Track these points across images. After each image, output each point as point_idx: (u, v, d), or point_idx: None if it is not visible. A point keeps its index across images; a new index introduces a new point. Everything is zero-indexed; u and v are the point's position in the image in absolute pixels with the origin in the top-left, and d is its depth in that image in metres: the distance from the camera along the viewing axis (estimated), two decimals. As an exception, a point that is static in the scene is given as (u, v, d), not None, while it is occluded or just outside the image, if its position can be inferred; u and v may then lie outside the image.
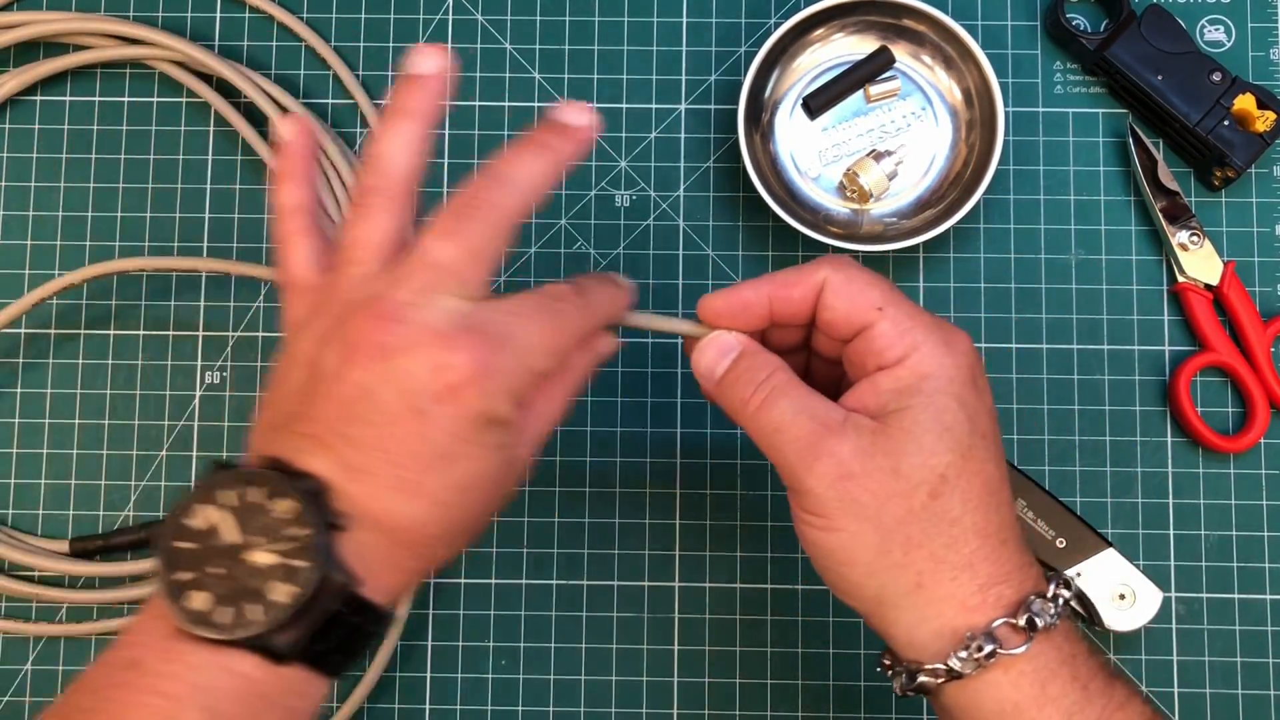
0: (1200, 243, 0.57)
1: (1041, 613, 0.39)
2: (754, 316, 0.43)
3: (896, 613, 0.40)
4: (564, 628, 0.56)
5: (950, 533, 0.40)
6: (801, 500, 0.40)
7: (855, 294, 0.41)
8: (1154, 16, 0.57)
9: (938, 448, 0.39)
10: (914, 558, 0.39)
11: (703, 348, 0.43)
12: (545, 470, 0.57)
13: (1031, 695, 0.39)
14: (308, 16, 0.60)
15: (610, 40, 0.60)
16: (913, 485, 0.39)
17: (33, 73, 0.59)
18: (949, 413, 0.40)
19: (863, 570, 0.40)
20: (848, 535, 0.40)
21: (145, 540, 0.56)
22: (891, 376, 0.40)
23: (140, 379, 0.58)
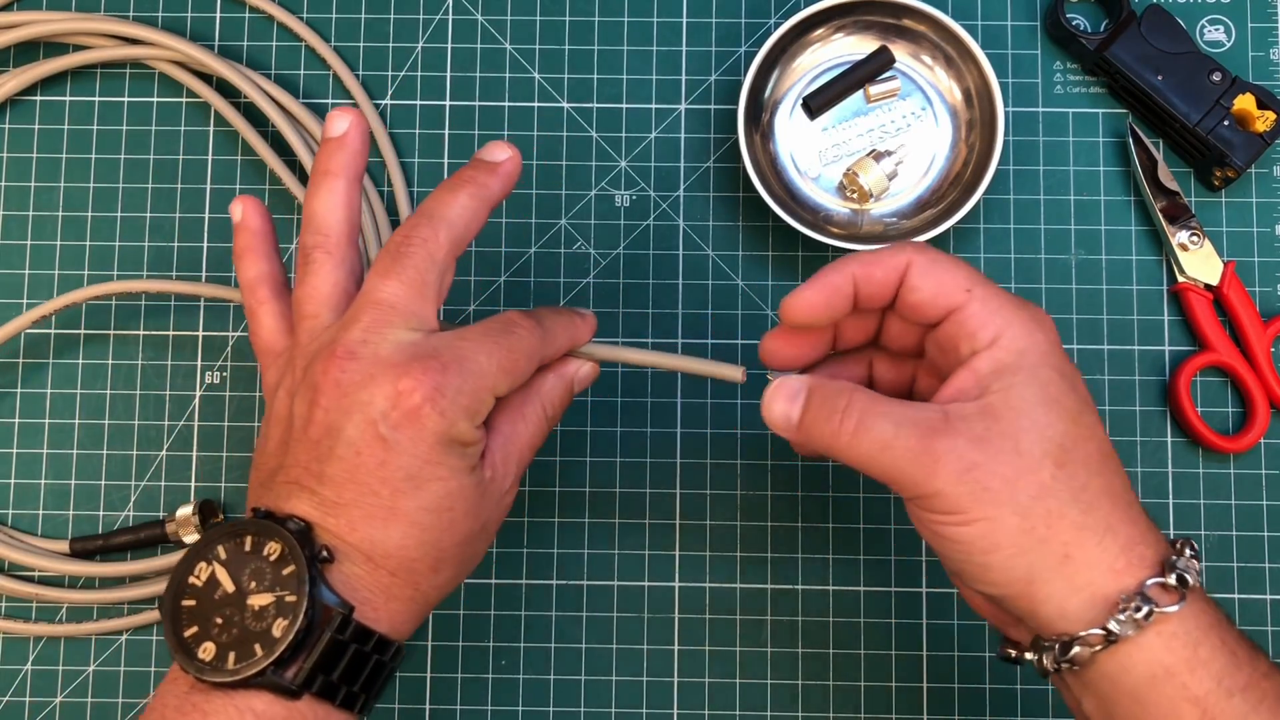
0: (1200, 243, 0.57)
1: (1188, 569, 0.39)
2: (842, 299, 0.42)
3: (1048, 588, 0.39)
4: (564, 628, 0.56)
5: (1083, 499, 0.39)
6: (929, 503, 0.40)
7: (943, 275, 0.41)
8: (1154, 16, 0.57)
9: (1051, 419, 0.39)
10: (1057, 530, 0.39)
11: (769, 401, 0.43)
12: (545, 470, 0.57)
13: (1184, 657, 0.38)
14: (308, 16, 0.60)
15: (610, 40, 0.60)
16: (1037, 459, 0.39)
17: (33, 73, 0.59)
18: (1053, 384, 0.40)
19: (1008, 553, 0.39)
20: (987, 523, 0.39)
21: (145, 540, 0.56)
22: (989, 358, 0.40)
23: (140, 379, 0.58)
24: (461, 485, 0.40)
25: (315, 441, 0.39)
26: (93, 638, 0.57)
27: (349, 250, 0.43)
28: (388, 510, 0.39)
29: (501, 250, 0.59)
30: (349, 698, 0.39)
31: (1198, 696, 0.38)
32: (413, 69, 0.60)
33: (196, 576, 0.39)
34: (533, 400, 0.44)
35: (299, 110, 0.58)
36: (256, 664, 0.37)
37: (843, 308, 0.43)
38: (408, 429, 0.39)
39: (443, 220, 0.42)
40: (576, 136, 0.59)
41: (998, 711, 0.55)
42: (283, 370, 0.43)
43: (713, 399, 0.57)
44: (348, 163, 0.44)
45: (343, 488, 0.39)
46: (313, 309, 0.42)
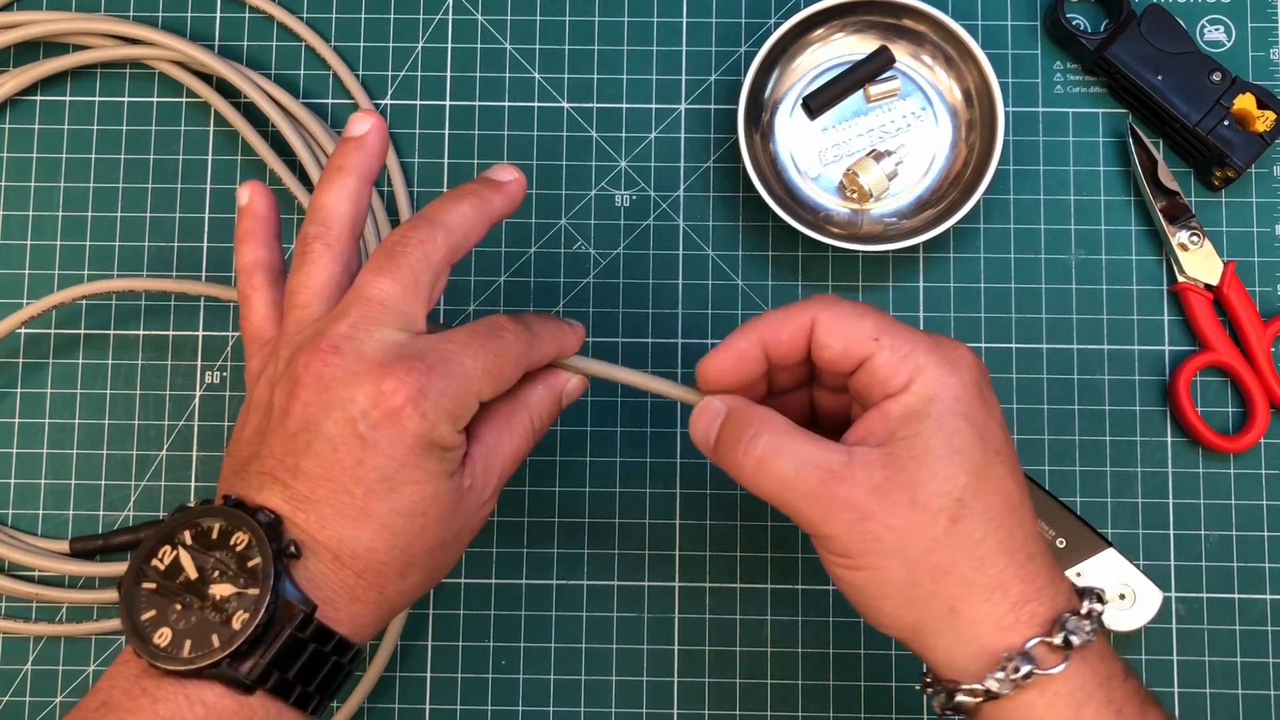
0: (1200, 243, 0.57)
1: (1077, 630, 0.39)
2: (751, 363, 0.43)
3: (934, 639, 0.40)
4: (564, 628, 0.56)
5: (976, 554, 0.39)
6: (824, 543, 0.40)
7: (848, 328, 0.41)
8: (1154, 16, 0.57)
9: (951, 471, 0.39)
10: (944, 585, 0.39)
11: (695, 419, 0.43)
12: (545, 470, 0.57)
13: (1064, 717, 0.39)
14: (308, 16, 0.60)
15: (610, 40, 0.60)
16: (932, 514, 0.39)
17: (33, 73, 0.59)
18: (959, 434, 0.39)
19: (894, 603, 0.40)
20: (875, 572, 0.40)
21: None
22: (898, 403, 0.40)
23: (140, 379, 0.58)
24: (437, 491, 0.39)
25: (292, 434, 0.39)
26: (93, 638, 0.57)
27: (348, 246, 0.43)
28: (359, 510, 0.38)
29: (501, 250, 0.59)
30: (303, 697, 0.39)
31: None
32: (413, 69, 0.60)
33: (160, 560, 0.38)
34: (520, 412, 0.44)
35: (299, 110, 0.58)
36: (212, 655, 0.36)
37: (755, 370, 0.43)
38: (387, 429, 0.38)
39: (442, 225, 0.42)
40: (576, 136, 0.59)
41: (998, 711, 0.55)
42: (267, 359, 0.42)
43: (713, 399, 0.57)
44: (362, 162, 0.44)
45: (316, 484, 0.38)
46: (304, 299, 0.42)
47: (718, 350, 0.43)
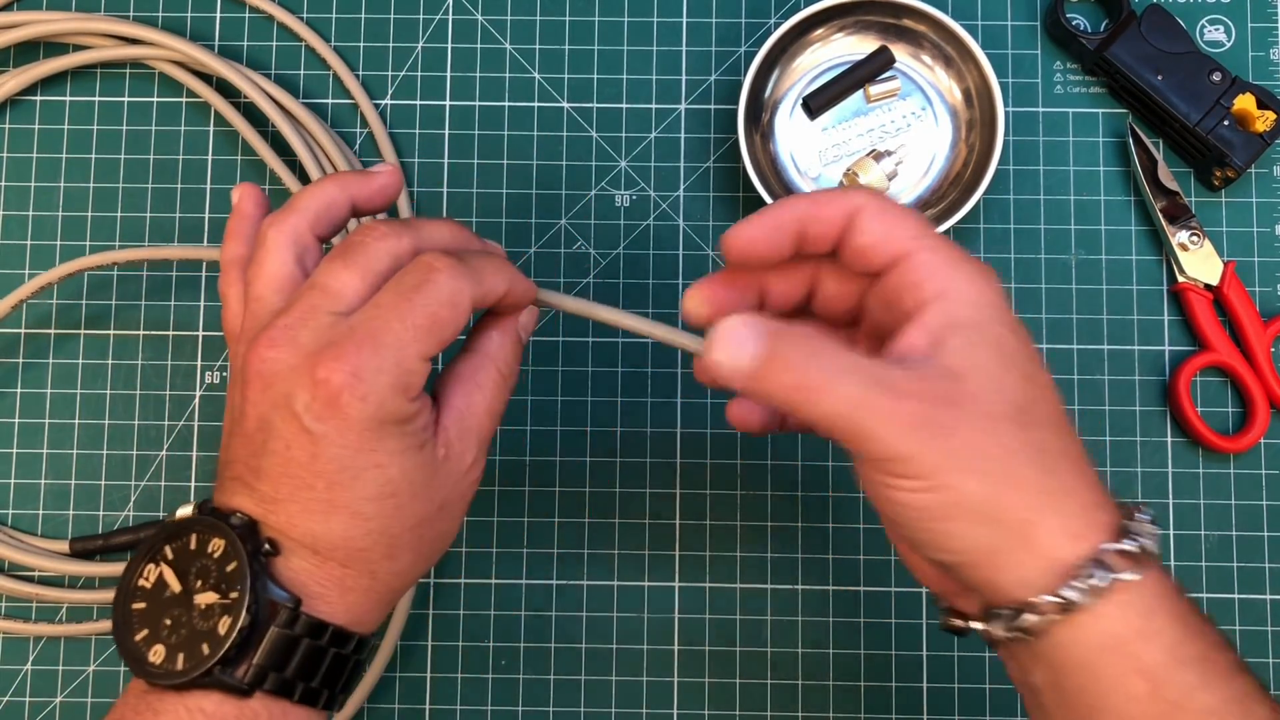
0: (1200, 243, 0.57)
1: (1149, 535, 0.37)
2: (786, 237, 0.40)
3: (1007, 555, 0.37)
4: (564, 628, 0.56)
5: (1042, 461, 0.37)
6: (891, 467, 0.37)
7: (894, 221, 0.39)
8: (1154, 16, 0.57)
9: (1009, 378, 0.38)
10: (1020, 494, 0.37)
11: (720, 344, 0.37)
12: (545, 470, 0.57)
13: (1136, 627, 0.37)
14: (308, 16, 0.60)
15: (610, 40, 0.60)
16: (1002, 421, 0.37)
17: (33, 73, 0.59)
18: (1006, 341, 0.38)
19: (969, 521, 0.37)
20: (950, 491, 0.37)
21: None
22: (940, 311, 0.38)
23: (140, 379, 0.58)
24: (404, 468, 0.38)
25: (250, 435, 0.38)
26: (93, 638, 0.57)
27: (309, 239, 0.41)
28: (325, 504, 0.37)
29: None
30: (308, 694, 0.38)
31: (1148, 667, 0.37)
32: (413, 69, 0.60)
33: (145, 579, 0.38)
34: (485, 365, 0.42)
35: (299, 110, 0.58)
36: (203, 663, 0.36)
37: (786, 246, 0.40)
38: (332, 419, 0.37)
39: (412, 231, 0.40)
40: (576, 136, 0.59)
41: (998, 711, 0.55)
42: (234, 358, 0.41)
43: (713, 399, 0.57)
44: (355, 182, 0.42)
45: (279, 483, 0.38)
46: (257, 290, 0.40)
47: (755, 217, 0.40)
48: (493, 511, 0.57)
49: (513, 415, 0.57)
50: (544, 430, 0.57)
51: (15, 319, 0.58)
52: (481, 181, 0.59)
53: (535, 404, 0.58)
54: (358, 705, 0.55)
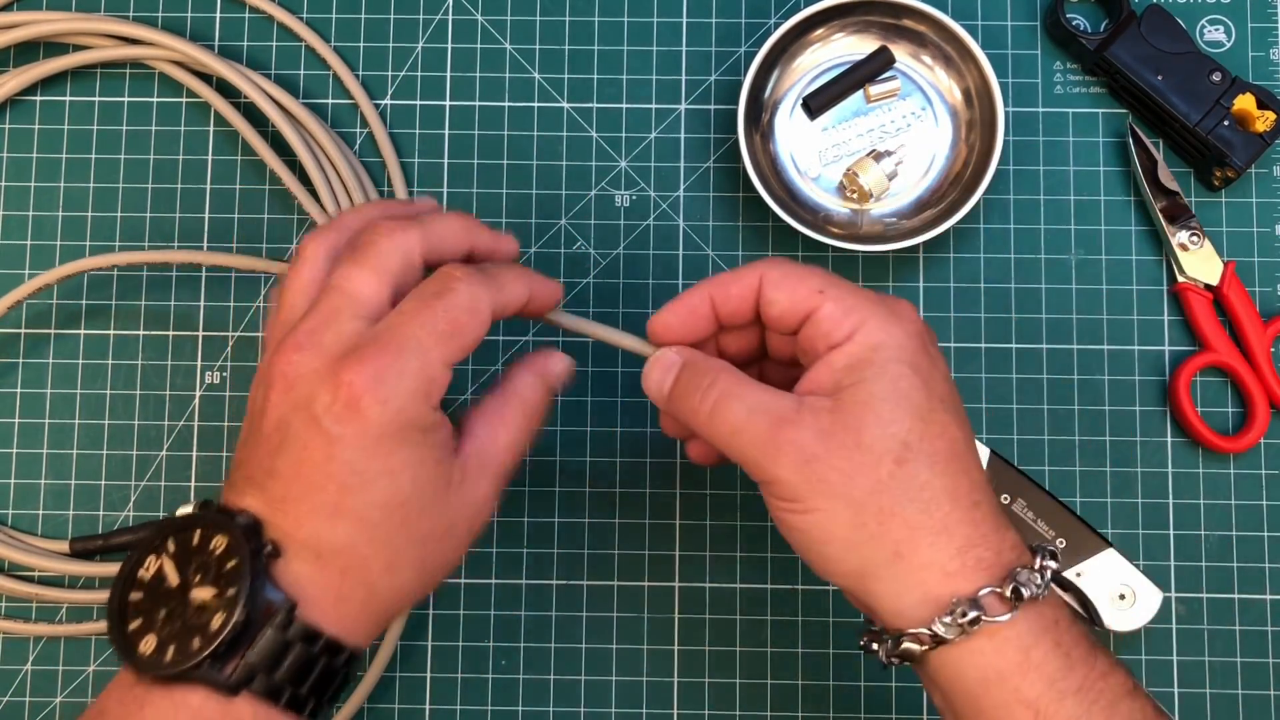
0: (1200, 243, 0.57)
1: (1028, 583, 0.39)
2: (700, 319, 0.44)
3: (879, 584, 0.40)
4: (564, 628, 0.56)
5: (921, 498, 0.40)
6: (771, 488, 0.41)
7: (794, 283, 0.42)
8: (1154, 16, 0.57)
9: (896, 415, 0.40)
10: (889, 527, 0.39)
11: (648, 370, 0.44)
12: (545, 470, 0.57)
13: (1015, 662, 0.39)
14: (308, 16, 0.60)
15: (610, 40, 0.60)
16: (877, 456, 0.39)
17: (33, 73, 0.59)
18: (904, 379, 0.40)
19: (840, 546, 0.40)
20: (821, 514, 0.40)
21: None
22: (843, 353, 0.41)
23: (140, 379, 0.58)
24: (416, 479, 0.39)
25: (267, 436, 0.39)
26: (93, 638, 0.57)
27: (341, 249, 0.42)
28: (334, 507, 0.38)
29: (501, 250, 0.59)
30: (295, 701, 0.38)
31: (1030, 699, 0.38)
32: (413, 69, 0.60)
33: (146, 569, 0.38)
34: (512, 402, 0.43)
35: (299, 110, 0.58)
36: (191, 657, 0.36)
37: (704, 328, 0.44)
38: (351, 423, 0.37)
39: (420, 225, 0.41)
40: (576, 136, 0.59)
41: (998, 711, 0.55)
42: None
43: (713, 399, 0.57)
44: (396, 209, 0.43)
45: (290, 484, 0.38)
46: (289, 299, 0.41)
47: (668, 306, 0.44)
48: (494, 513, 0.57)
49: (513, 415, 0.57)
50: (544, 430, 0.57)
51: (15, 318, 0.58)
52: (481, 181, 0.59)
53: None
54: (358, 705, 0.55)
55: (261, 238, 0.59)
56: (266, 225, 0.59)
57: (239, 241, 0.59)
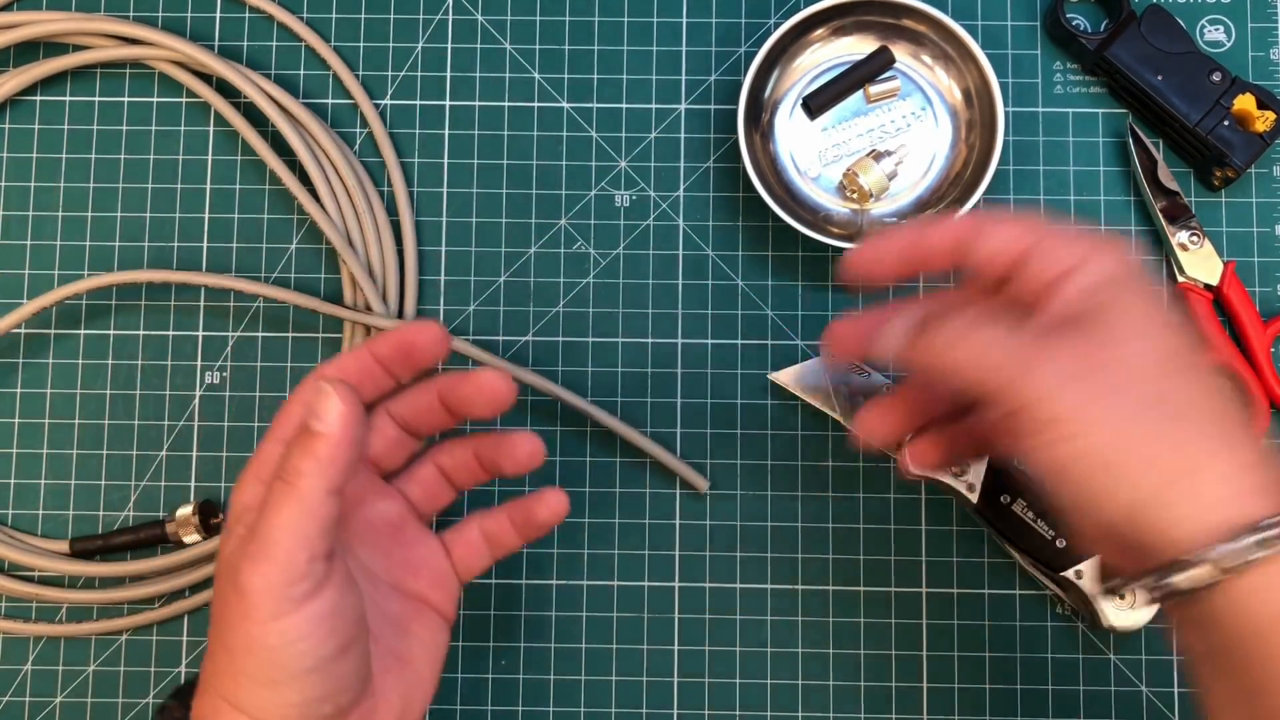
0: (1200, 243, 0.57)
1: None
2: (898, 261, 0.42)
3: (1159, 509, 0.35)
4: (564, 628, 0.56)
5: (1196, 413, 0.36)
6: (1028, 415, 0.37)
7: (1009, 223, 0.40)
8: (1154, 16, 0.57)
9: (1152, 328, 0.37)
10: (1165, 446, 0.36)
11: (890, 328, 0.42)
12: (545, 470, 0.57)
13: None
14: (308, 16, 0.60)
15: (610, 40, 0.60)
16: (1141, 370, 0.36)
17: (33, 73, 0.59)
18: (1144, 300, 0.38)
19: (1111, 474, 0.36)
20: (1090, 438, 0.36)
21: (145, 540, 0.56)
22: (1078, 279, 0.38)
23: (140, 379, 0.58)
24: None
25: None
26: (93, 638, 0.57)
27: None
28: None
29: (501, 250, 0.59)
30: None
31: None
32: (413, 69, 0.60)
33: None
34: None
35: (299, 110, 0.58)
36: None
37: (897, 270, 0.42)
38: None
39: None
40: (576, 136, 0.59)
41: (997, 711, 0.55)
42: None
43: (712, 399, 0.57)
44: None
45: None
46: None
47: (868, 243, 0.42)
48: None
49: (514, 416, 0.57)
50: (544, 430, 0.57)
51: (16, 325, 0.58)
52: (481, 181, 0.59)
53: (535, 404, 0.58)
54: (358, 705, 0.55)
55: (261, 238, 0.59)
56: (266, 225, 0.59)
57: (239, 241, 0.59)
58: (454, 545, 0.49)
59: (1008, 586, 0.56)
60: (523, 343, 0.58)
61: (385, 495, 0.48)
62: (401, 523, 0.48)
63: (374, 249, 0.57)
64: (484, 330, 0.58)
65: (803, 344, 0.58)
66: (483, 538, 0.49)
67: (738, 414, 0.57)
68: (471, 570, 0.49)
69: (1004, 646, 0.56)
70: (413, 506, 0.49)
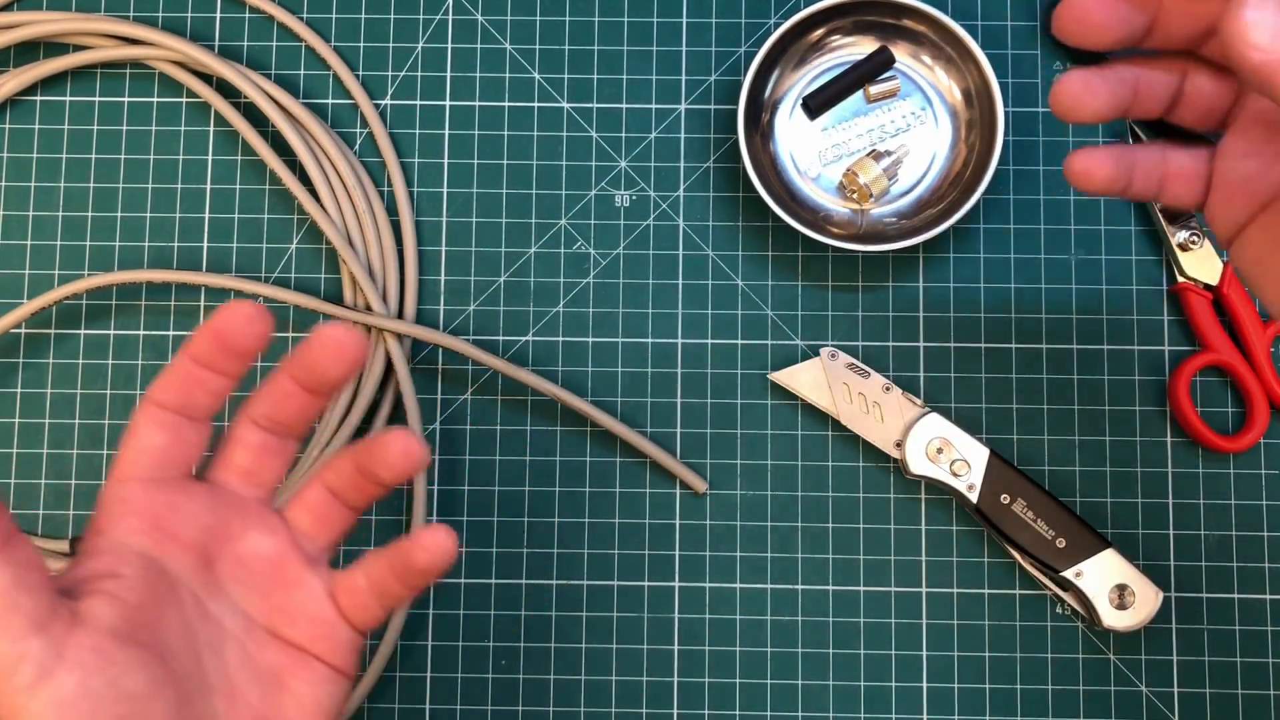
0: (1200, 243, 0.57)
1: None
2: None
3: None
4: (564, 628, 0.56)
5: None
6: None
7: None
8: (1154, 16, 0.57)
9: None
10: None
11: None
12: (545, 470, 0.57)
13: None
14: (308, 16, 0.60)
15: (610, 40, 0.60)
16: None
17: (33, 73, 0.59)
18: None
19: None
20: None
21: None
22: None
23: (140, 379, 0.58)
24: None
25: None
26: (93, 638, 0.56)
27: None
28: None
29: (501, 250, 0.59)
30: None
31: None
32: (413, 69, 0.60)
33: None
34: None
35: (299, 110, 0.58)
36: None
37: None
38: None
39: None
40: (576, 136, 0.59)
41: (997, 711, 0.55)
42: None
43: (712, 399, 0.57)
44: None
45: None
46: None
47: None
48: (493, 511, 0.57)
49: (514, 416, 0.57)
50: (544, 430, 0.57)
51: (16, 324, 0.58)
52: (481, 181, 0.59)
53: (535, 404, 0.58)
54: (358, 704, 0.55)
55: (261, 238, 0.59)
56: (266, 225, 0.59)
57: (239, 241, 0.59)
58: (339, 589, 0.41)
59: (1008, 586, 0.56)
60: (523, 343, 0.58)
61: (265, 527, 0.41)
62: (282, 560, 0.41)
63: (374, 249, 0.57)
64: (484, 330, 0.58)
65: (803, 344, 0.58)
66: (368, 584, 0.41)
67: (738, 414, 0.57)
68: (364, 619, 0.41)
69: (1004, 646, 0.56)
70: (303, 537, 0.42)
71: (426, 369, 0.58)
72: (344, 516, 0.42)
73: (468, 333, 0.58)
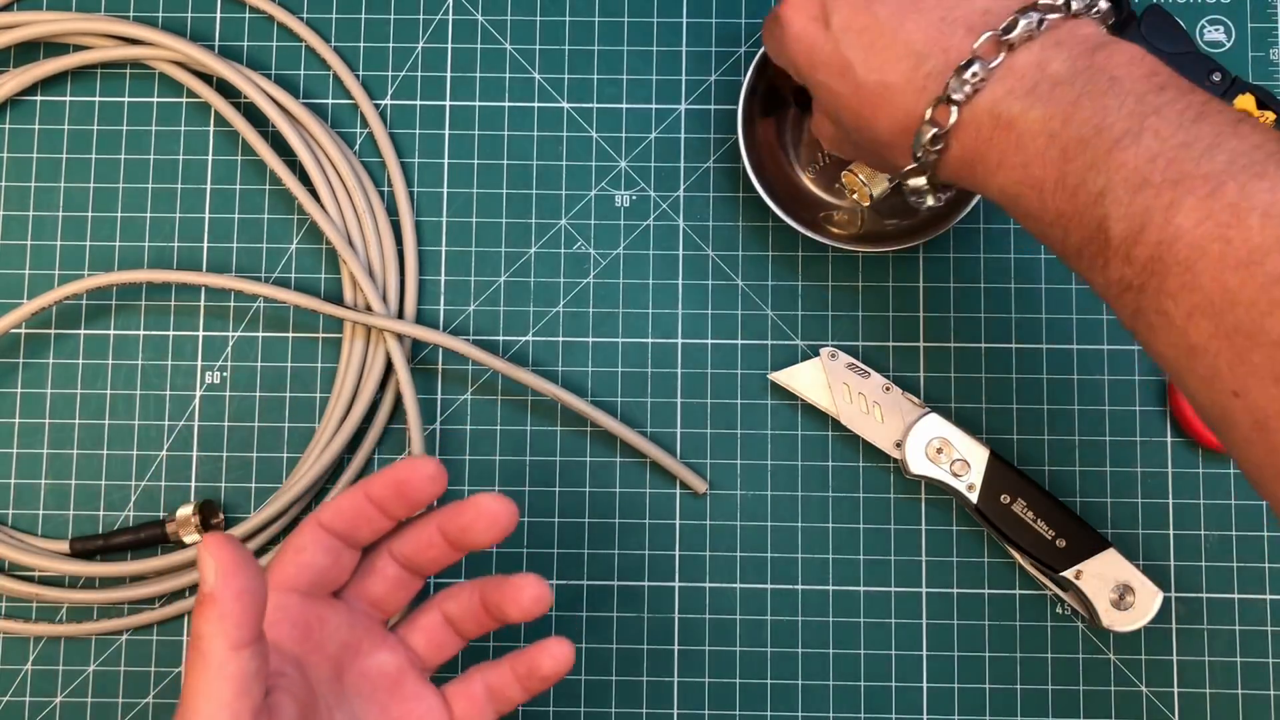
0: (1200, 243, 0.57)
1: (1022, 27, 0.39)
2: None
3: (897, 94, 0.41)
4: (564, 628, 0.56)
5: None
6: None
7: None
8: (1154, 16, 0.57)
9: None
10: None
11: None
12: (545, 470, 0.57)
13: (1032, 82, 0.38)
14: (308, 16, 0.60)
15: (610, 40, 0.60)
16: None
17: (33, 73, 0.59)
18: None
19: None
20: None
21: (145, 540, 0.56)
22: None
23: (140, 379, 0.58)
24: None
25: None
26: (93, 638, 0.57)
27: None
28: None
29: (501, 250, 0.59)
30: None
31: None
32: (413, 69, 0.60)
33: None
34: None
35: (299, 110, 0.58)
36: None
37: None
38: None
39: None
40: (576, 136, 0.59)
41: (997, 711, 0.55)
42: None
43: (713, 399, 0.57)
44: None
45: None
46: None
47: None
48: None
49: (514, 416, 0.57)
50: (544, 430, 0.57)
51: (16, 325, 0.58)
52: (481, 181, 0.59)
53: (535, 403, 0.58)
54: (358, 705, 0.55)
55: (261, 238, 0.59)
56: (266, 225, 0.59)
57: (239, 241, 0.59)
58: (456, 700, 0.45)
59: (1008, 586, 0.56)
60: (523, 343, 0.58)
61: (385, 645, 0.45)
62: (400, 676, 0.45)
63: (374, 249, 0.57)
64: (484, 330, 0.58)
65: (803, 344, 0.58)
66: (485, 692, 0.45)
67: (738, 414, 0.57)
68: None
69: (1004, 646, 0.56)
70: (416, 657, 0.45)
71: (426, 369, 0.58)
72: (455, 645, 0.46)
73: (468, 333, 0.58)
